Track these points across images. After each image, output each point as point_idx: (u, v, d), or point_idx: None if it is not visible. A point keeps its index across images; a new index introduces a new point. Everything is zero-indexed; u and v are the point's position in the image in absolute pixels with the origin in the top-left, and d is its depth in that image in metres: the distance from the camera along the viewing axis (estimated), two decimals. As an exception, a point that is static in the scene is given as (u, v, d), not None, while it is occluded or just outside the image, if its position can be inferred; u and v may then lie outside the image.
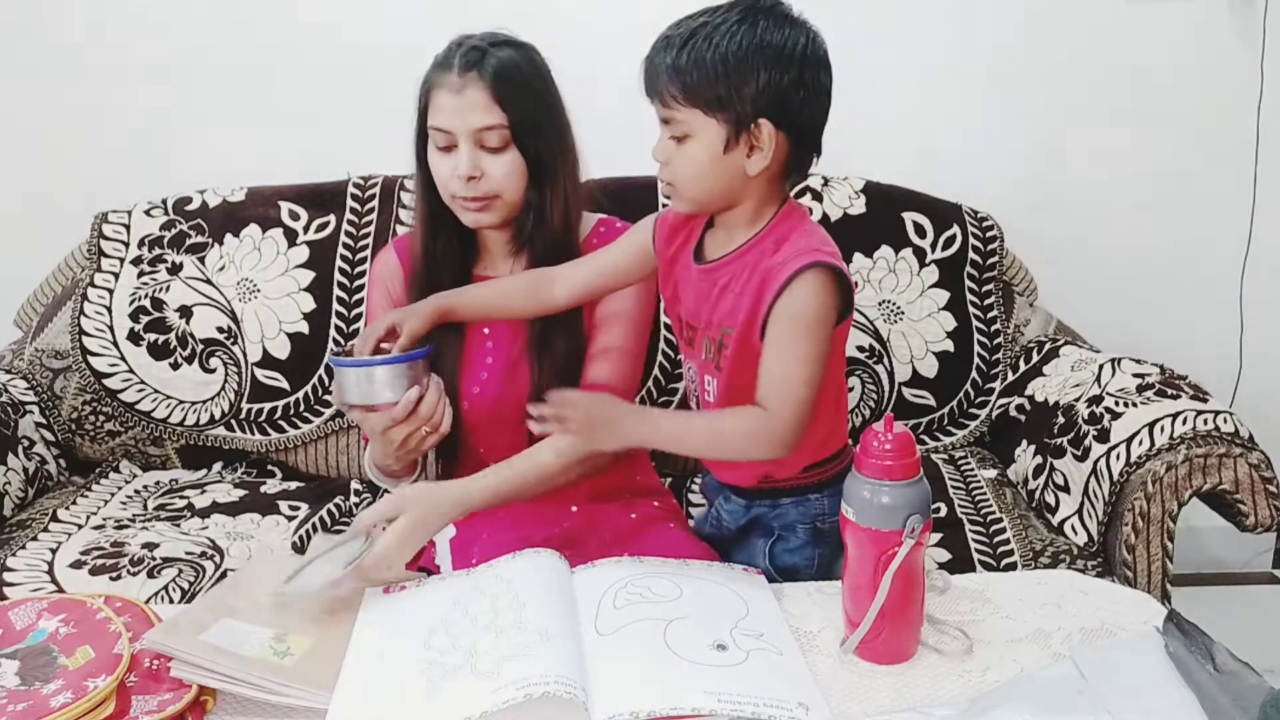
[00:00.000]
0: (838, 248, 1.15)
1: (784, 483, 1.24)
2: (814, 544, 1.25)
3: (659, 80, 1.10)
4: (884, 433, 0.97)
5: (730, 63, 1.06)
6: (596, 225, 1.44)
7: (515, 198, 1.34)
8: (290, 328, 1.81)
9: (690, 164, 1.12)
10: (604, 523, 1.41)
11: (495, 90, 1.29)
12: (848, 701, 0.94)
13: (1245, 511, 1.45)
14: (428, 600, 1.08)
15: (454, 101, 1.29)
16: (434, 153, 1.33)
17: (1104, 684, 0.91)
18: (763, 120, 1.08)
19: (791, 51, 1.07)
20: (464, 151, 1.29)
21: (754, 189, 1.13)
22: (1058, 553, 1.52)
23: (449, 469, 1.45)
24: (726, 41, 1.06)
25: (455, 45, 1.33)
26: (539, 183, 1.34)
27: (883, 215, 1.88)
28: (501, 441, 1.39)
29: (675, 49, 1.09)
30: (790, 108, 1.09)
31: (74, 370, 1.82)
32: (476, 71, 1.29)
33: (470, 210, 1.33)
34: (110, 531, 1.58)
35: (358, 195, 1.86)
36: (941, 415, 1.88)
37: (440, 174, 1.33)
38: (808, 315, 1.09)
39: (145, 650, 0.96)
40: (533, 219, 1.36)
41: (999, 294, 1.92)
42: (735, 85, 1.07)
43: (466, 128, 1.29)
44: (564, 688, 0.89)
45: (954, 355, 1.87)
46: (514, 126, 1.30)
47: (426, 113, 1.33)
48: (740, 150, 1.10)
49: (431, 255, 1.39)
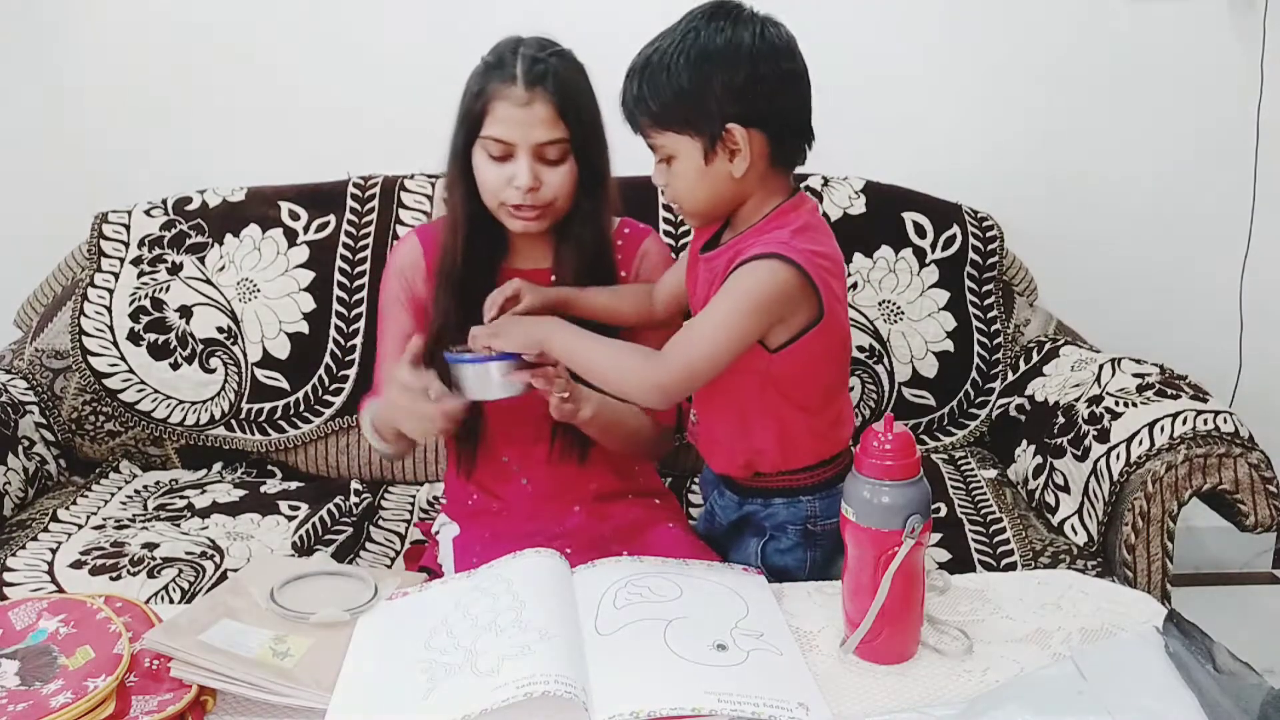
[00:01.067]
0: (836, 250, 1.17)
1: (773, 480, 1.24)
2: (806, 546, 1.24)
3: (632, 113, 1.16)
4: (884, 433, 0.97)
5: (683, 81, 1.10)
6: (620, 226, 1.46)
7: (566, 205, 1.34)
8: (290, 328, 1.81)
9: (682, 181, 1.16)
10: (607, 522, 1.41)
11: (560, 106, 1.28)
12: (848, 701, 0.94)
13: (1245, 511, 1.45)
14: (428, 601, 1.08)
15: (519, 114, 1.27)
16: (484, 159, 1.31)
17: (1104, 684, 0.91)
18: (731, 125, 1.10)
19: (737, 51, 1.09)
20: (524, 163, 1.28)
21: (749, 186, 1.16)
22: (1058, 553, 1.52)
23: (468, 461, 1.45)
24: (676, 62, 1.10)
25: (510, 53, 1.30)
26: (591, 191, 1.35)
27: (883, 215, 1.88)
28: (521, 434, 1.41)
29: (636, 81, 1.14)
30: (754, 105, 1.11)
31: (74, 370, 1.82)
32: (542, 86, 1.27)
33: (522, 219, 1.32)
34: (110, 531, 1.58)
35: (358, 195, 1.86)
36: (941, 415, 1.88)
37: (491, 181, 1.31)
38: (739, 291, 1.11)
39: (145, 650, 0.96)
40: (589, 226, 1.37)
41: (999, 294, 1.92)
42: (694, 101, 1.10)
43: (530, 141, 1.28)
44: (564, 687, 0.89)
45: (954, 355, 1.87)
46: (574, 140, 1.30)
47: (480, 120, 1.30)
48: (721, 158, 1.13)
49: (469, 255, 1.37)
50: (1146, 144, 2.12)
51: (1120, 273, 2.17)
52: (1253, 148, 2.11)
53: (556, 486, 1.43)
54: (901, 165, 1.96)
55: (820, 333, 1.14)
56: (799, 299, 1.12)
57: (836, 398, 1.25)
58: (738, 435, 1.23)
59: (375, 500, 1.76)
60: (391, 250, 1.52)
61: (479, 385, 1.20)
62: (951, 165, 2.07)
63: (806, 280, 1.11)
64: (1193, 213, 2.16)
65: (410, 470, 1.85)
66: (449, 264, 1.38)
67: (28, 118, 2.07)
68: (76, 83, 2.06)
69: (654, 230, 1.52)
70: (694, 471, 1.80)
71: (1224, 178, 2.13)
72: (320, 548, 1.57)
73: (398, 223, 1.84)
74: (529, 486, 1.45)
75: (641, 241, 1.46)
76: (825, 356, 1.19)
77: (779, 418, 1.20)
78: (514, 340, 1.19)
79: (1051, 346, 1.84)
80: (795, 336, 1.14)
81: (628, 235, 1.46)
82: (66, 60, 2.05)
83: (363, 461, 1.84)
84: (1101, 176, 2.14)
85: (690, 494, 1.76)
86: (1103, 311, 2.10)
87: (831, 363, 1.22)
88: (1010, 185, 2.09)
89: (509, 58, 1.29)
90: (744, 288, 1.10)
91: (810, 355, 1.16)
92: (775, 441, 1.21)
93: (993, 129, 2.11)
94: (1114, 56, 2.08)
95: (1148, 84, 2.09)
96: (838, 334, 1.20)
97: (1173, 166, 2.13)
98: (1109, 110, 2.10)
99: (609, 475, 1.45)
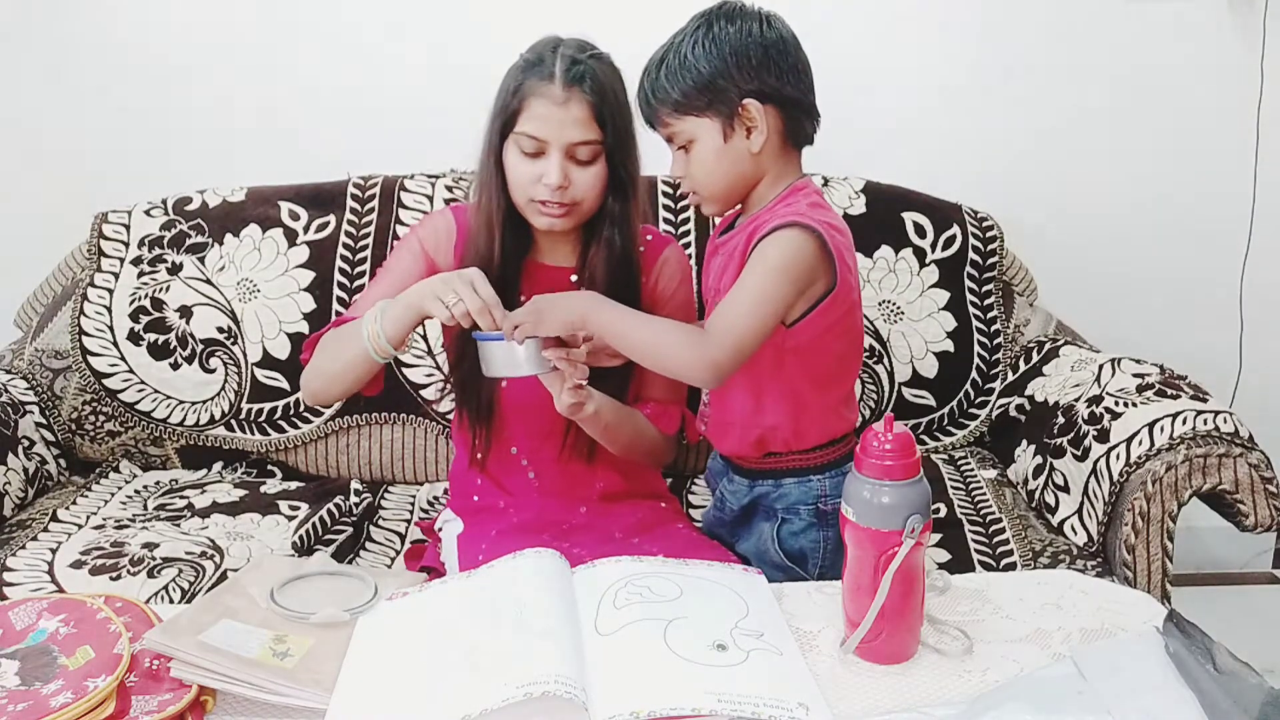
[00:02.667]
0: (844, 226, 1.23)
1: (784, 460, 1.28)
2: (819, 526, 1.29)
3: (651, 106, 1.24)
4: (884, 433, 0.97)
5: (702, 66, 1.19)
6: (643, 233, 1.45)
7: (593, 206, 1.35)
8: (290, 328, 1.81)
9: (702, 165, 1.23)
10: (612, 523, 1.42)
11: (597, 108, 1.28)
12: (848, 701, 0.94)
13: (1245, 511, 1.45)
14: (428, 601, 1.08)
15: (556, 113, 1.28)
16: (516, 155, 1.31)
17: (1104, 684, 0.91)
18: (747, 101, 1.19)
19: (749, 37, 1.19)
20: (554, 161, 1.29)
21: (765, 163, 1.23)
22: (1057, 553, 1.52)
23: (483, 455, 1.45)
24: (692, 50, 1.20)
25: (550, 52, 1.30)
26: (621, 194, 1.35)
27: (883, 215, 1.88)
28: (536, 428, 1.42)
29: (653, 74, 1.23)
30: (767, 83, 1.20)
31: (74, 370, 1.82)
32: (580, 87, 1.28)
33: (549, 215, 1.32)
34: (110, 531, 1.58)
35: (358, 195, 1.86)
36: (941, 415, 1.88)
37: (521, 177, 1.31)
38: (771, 259, 1.17)
39: (145, 650, 0.96)
40: (616, 229, 1.36)
41: (999, 294, 1.92)
42: (712, 83, 1.19)
43: (563, 140, 1.28)
44: (564, 687, 0.89)
45: (954, 355, 1.87)
46: (607, 143, 1.30)
47: (515, 116, 1.30)
48: (739, 134, 1.21)
49: (502, 249, 1.37)
50: (1146, 144, 2.12)
51: (1120, 273, 2.17)
52: (1253, 148, 2.11)
53: (564, 484, 1.44)
54: (901, 165, 1.96)
55: (834, 303, 1.21)
56: (819, 267, 1.19)
57: (848, 372, 1.32)
58: (751, 412, 1.28)
59: (375, 500, 1.76)
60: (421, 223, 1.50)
61: (506, 362, 1.22)
62: (951, 165, 2.07)
63: (824, 248, 1.18)
64: (1193, 213, 2.16)
65: (410, 470, 1.85)
66: (480, 255, 1.36)
67: (28, 118, 2.07)
68: (77, 82, 2.06)
69: (675, 240, 1.53)
70: (695, 473, 1.80)
71: (1224, 178, 2.13)
72: (320, 548, 1.57)
73: (398, 223, 1.84)
74: (536, 481, 1.45)
75: (663, 250, 1.46)
76: (839, 327, 1.25)
77: (792, 393, 1.26)
78: (554, 321, 1.19)
79: (1051, 346, 1.84)
80: (810, 308, 1.20)
81: (650, 243, 1.46)
82: (67, 60, 2.05)
83: (363, 461, 1.85)
84: (1101, 176, 2.14)
85: (691, 495, 1.76)
86: (1102, 311, 2.10)
87: (844, 334, 1.27)
88: (1010, 185, 2.09)
89: (549, 56, 1.30)
90: (772, 257, 1.17)
91: (825, 326, 1.22)
92: (788, 418, 1.27)
93: (992, 129, 2.11)
94: (1114, 56, 2.07)
95: (1148, 84, 2.09)
96: (850, 304, 1.25)
97: (1173, 166, 2.13)
98: (1109, 110, 2.10)
99: (615, 475, 1.46)
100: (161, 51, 2.04)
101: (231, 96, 2.06)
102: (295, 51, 2.05)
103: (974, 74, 2.08)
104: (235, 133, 2.07)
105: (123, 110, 2.06)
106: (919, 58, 2.07)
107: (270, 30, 2.04)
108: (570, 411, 1.27)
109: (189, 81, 2.05)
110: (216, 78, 2.05)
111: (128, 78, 2.05)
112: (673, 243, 1.50)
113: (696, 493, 1.76)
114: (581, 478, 1.44)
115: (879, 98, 2.03)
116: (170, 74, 2.05)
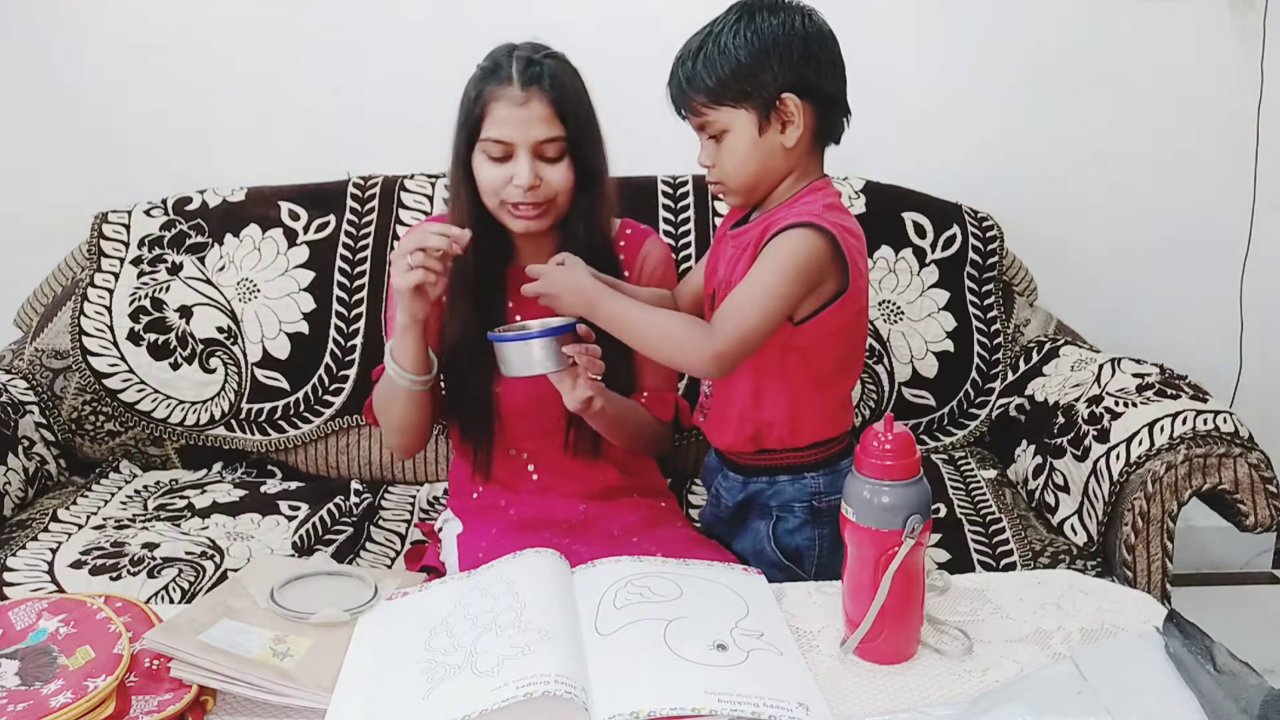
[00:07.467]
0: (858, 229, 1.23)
1: (779, 457, 1.29)
2: (814, 524, 1.29)
3: (684, 94, 1.22)
4: (884, 433, 0.97)
5: (742, 56, 1.17)
6: (622, 227, 1.48)
7: (566, 203, 1.36)
8: (290, 328, 1.81)
9: (733, 156, 1.22)
10: (611, 521, 1.43)
11: (557, 103, 1.30)
12: (848, 701, 0.94)
13: (1245, 511, 1.45)
14: (428, 601, 1.08)
15: (518, 114, 1.29)
16: (484, 161, 1.33)
17: (1104, 684, 0.91)
18: (786, 95, 1.18)
19: (791, 32, 1.18)
20: (524, 162, 1.30)
21: (794, 159, 1.23)
22: (1057, 553, 1.52)
23: (485, 457, 1.46)
24: (733, 39, 1.18)
25: (505, 57, 1.32)
26: (588, 188, 1.36)
27: (883, 215, 1.88)
28: (537, 428, 1.43)
29: (690, 61, 1.21)
30: (807, 79, 1.19)
31: (74, 370, 1.82)
32: (538, 86, 1.29)
33: (524, 218, 1.34)
34: (110, 531, 1.58)
35: (358, 195, 1.86)
36: (941, 415, 1.88)
37: (492, 182, 1.33)
38: (782, 257, 1.16)
39: (145, 650, 0.96)
40: (584, 224, 1.38)
41: (999, 294, 1.92)
42: (752, 74, 1.18)
43: (529, 140, 1.30)
44: (564, 687, 0.89)
45: (954, 355, 1.87)
46: (570, 137, 1.32)
47: (479, 123, 1.32)
48: (774, 128, 1.20)
49: (480, 258, 1.38)
50: (1146, 144, 2.12)
51: (1120, 272, 2.17)
52: (1253, 148, 2.11)
53: (564, 482, 1.44)
54: (901, 165, 1.97)
55: (844, 305, 1.21)
56: (829, 269, 1.19)
57: (849, 375, 1.32)
58: (749, 406, 1.28)
59: (375, 500, 1.76)
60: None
61: (521, 361, 1.23)
62: (951, 165, 2.06)
63: (836, 250, 1.17)
64: (1193, 213, 2.16)
65: (410, 470, 1.85)
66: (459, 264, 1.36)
67: (28, 118, 2.07)
68: (76, 83, 2.05)
69: (655, 232, 1.53)
70: (694, 473, 1.80)
71: (1224, 178, 2.13)
72: (320, 548, 1.57)
73: (398, 223, 1.84)
74: (537, 480, 1.45)
75: (643, 242, 1.48)
76: (845, 330, 1.25)
77: (792, 390, 1.26)
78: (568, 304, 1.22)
79: (1051, 346, 1.84)
80: (820, 308, 1.21)
81: (629, 236, 1.47)
82: (67, 60, 2.05)
83: (363, 461, 1.85)
84: (1102, 176, 2.14)
85: (690, 494, 1.76)
86: (1103, 311, 2.10)
87: (849, 338, 1.28)
88: (1010, 185, 2.09)
89: (505, 61, 1.32)
90: (783, 254, 1.16)
91: (832, 327, 1.22)
92: (785, 414, 1.27)
93: (992, 129, 2.11)
94: (1114, 56, 2.07)
95: (1148, 84, 2.09)
96: (860, 309, 1.26)
97: (1173, 167, 2.13)
98: (1109, 110, 2.10)
99: (616, 473, 1.47)
100: (161, 51, 2.04)
101: (231, 97, 2.06)
102: (295, 51, 2.05)
103: (974, 74, 2.08)
104: (235, 133, 2.07)
105: (123, 110, 2.06)
106: (919, 58, 2.07)
107: (270, 30, 2.04)
108: (581, 408, 1.27)
109: (189, 81, 2.05)
110: (217, 77, 2.05)
111: (127, 78, 2.05)
112: (653, 234, 1.51)
113: (696, 492, 1.76)
114: (584, 473, 1.44)
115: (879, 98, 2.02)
116: (170, 74, 2.05)
